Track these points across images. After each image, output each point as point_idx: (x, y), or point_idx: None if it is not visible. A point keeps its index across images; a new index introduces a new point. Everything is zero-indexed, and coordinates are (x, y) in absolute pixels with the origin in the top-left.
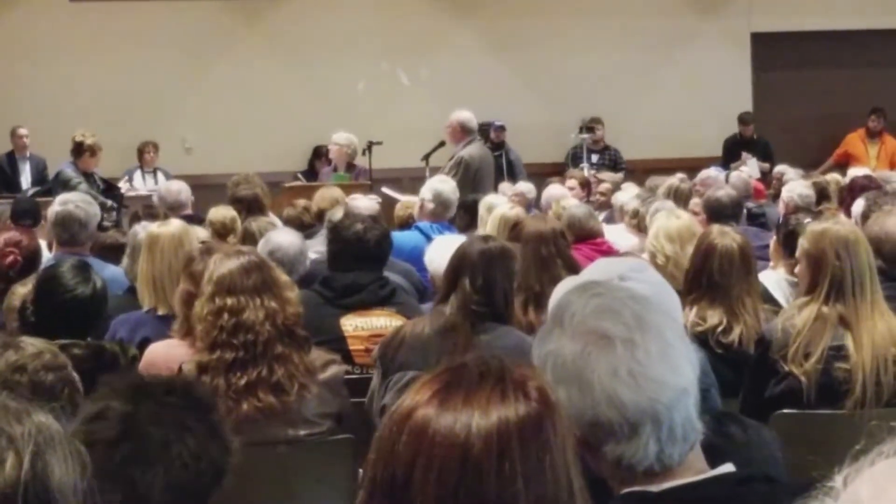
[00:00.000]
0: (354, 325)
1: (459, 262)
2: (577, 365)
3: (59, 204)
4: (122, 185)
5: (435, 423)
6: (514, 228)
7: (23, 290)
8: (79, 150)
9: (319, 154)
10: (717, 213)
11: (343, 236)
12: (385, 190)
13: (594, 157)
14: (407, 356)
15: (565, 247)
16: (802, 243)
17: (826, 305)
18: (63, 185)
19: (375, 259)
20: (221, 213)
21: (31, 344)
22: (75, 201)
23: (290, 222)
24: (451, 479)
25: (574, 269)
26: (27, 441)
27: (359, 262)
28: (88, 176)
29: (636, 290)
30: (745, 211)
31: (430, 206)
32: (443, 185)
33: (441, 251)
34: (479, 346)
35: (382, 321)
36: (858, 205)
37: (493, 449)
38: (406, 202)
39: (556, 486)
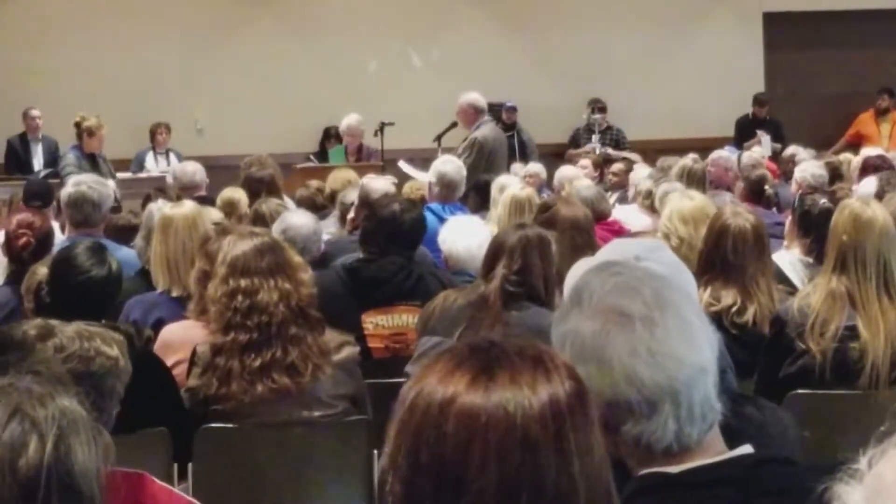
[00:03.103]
0: (376, 322)
1: (497, 249)
2: (596, 343)
3: (72, 185)
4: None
5: (486, 407)
6: (544, 211)
7: (43, 270)
8: (79, 132)
9: (329, 135)
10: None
11: (379, 215)
12: (402, 166)
13: (594, 138)
14: (436, 324)
15: (594, 234)
16: None
17: (833, 278)
18: (62, 170)
19: (408, 241)
20: (228, 193)
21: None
22: (88, 182)
23: (303, 203)
24: (513, 462)
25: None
26: (50, 425)
27: (391, 243)
28: (93, 158)
29: (655, 270)
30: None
31: (436, 189)
32: (446, 166)
33: (455, 231)
34: (508, 321)
35: (405, 318)
36: (868, 184)
37: (550, 428)
38: (414, 183)
39: (601, 463)
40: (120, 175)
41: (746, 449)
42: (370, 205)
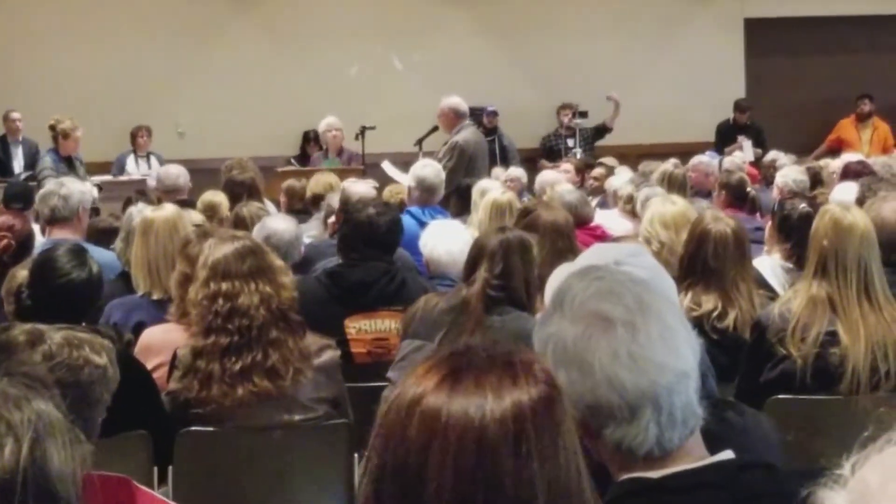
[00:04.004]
0: (358, 327)
1: (478, 252)
2: (578, 347)
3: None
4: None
5: (448, 408)
6: (525, 215)
7: (23, 273)
8: (54, 134)
9: (309, 139)
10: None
11: (355, 219)
12: (385, 167)
13: (570, 142)
14: (417, 327)
15: (575, 238)
16: None
17: (814, 284)
18: (39, 173)
19: (385, 244)
20: (209, 196)
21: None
22: (60, 180)
23: (291, 193)
24: (468, 463)
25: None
26: (26, 428)
27: (369, 247)
28: (69, 161)
29: (636, 274)
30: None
31: (415, 192)
32: (425, 169)
33: (435, 236)
34: (489, 326)
35: (387, 323)
36: (845, 189)
37: (509, 432)
38: (393, 187)
39: (567, 468)
40: (102, 178)
41: (727, 454)
42: (345, 210)
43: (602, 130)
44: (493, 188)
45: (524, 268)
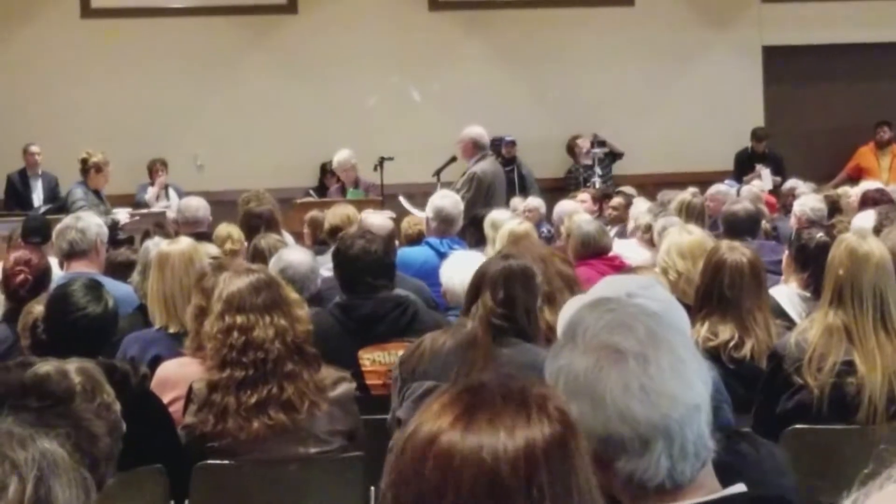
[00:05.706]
0: (373, 358)
1: (480, 280)
2: (590, 380)
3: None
4: (150, 199)
5: (461, 448)
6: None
7: (39, 308)
8: (85, 168)
9: (326, 170)
10: (734, 227)
11: (350, 255)
12: (402, 201)
13: (599, 171)
14: (426, 368)
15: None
16: None
17: (830, 313)
18: (71, 205)
19: (387, 268)
20: (223, 228)
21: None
22: (77, 214)
23: (314, 224)
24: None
25: (566, 262)
26: (31, 467)
27: (374, 276)
28: (97, 194)
29: (648, 307)
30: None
31: (434, 223)
32: (443, 200)
33: (457, 266)
34: (499, 360)
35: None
36: (865, 217)
37: (522, 472)
38: (412, 219)
39: None
40: (128, 209)
41: (740, 487)
42: (337, 252)
43: (615, 155)
44: (504, 219)
45: (526, 296)
